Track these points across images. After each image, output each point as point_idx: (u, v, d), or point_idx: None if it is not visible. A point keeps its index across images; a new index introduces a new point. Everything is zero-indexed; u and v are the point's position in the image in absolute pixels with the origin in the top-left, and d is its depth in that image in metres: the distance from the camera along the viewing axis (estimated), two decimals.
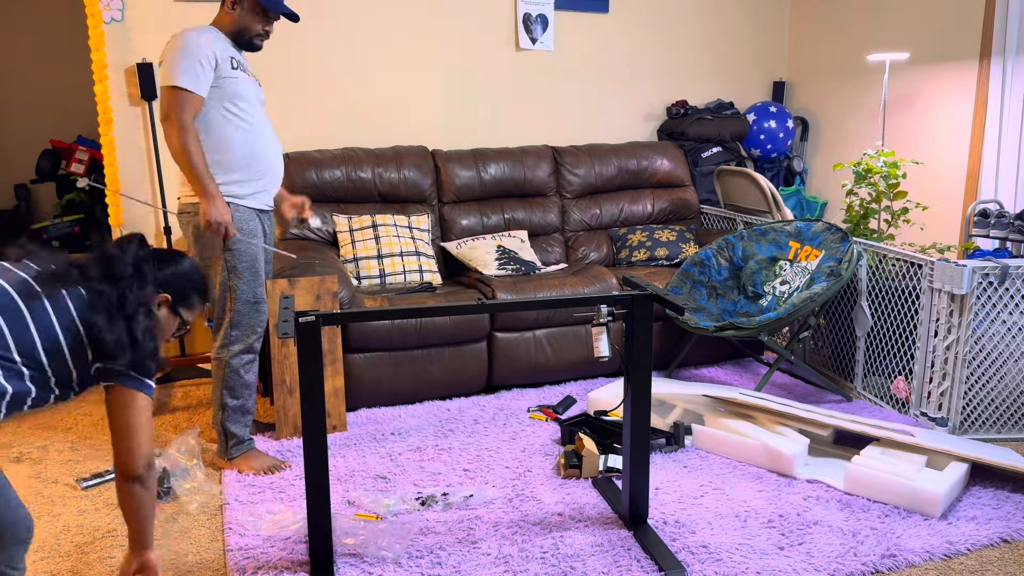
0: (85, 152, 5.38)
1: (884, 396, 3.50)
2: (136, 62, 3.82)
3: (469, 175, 4.18)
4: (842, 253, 3.40)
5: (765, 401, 3.11)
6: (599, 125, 4.77)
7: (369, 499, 2.64)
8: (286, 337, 2.15)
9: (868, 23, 4.57)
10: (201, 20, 3.91)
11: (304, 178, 3.88)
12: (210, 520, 2.58)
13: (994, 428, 3.20)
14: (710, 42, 4.94)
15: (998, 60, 3.84)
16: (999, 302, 3.07)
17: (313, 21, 4.11)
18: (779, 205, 4.10)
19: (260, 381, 3.64)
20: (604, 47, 4.70)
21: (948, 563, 2.33)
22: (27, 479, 2.87)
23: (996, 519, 2.55)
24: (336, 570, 2.28)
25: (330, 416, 3.23)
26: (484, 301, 2.38)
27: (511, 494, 2.72)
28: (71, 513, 2.63)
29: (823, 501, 2.67)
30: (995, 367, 3.13)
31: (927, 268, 3.19)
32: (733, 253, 3.80)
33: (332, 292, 3.16)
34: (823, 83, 4.92)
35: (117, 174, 3.89)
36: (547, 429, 3.25)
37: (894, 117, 4.43)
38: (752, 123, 4.83)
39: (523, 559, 2.33)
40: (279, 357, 3.11)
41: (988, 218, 3.59)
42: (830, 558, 2.33)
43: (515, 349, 3.61)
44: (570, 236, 4.38)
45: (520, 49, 4.53)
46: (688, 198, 4.58)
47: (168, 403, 3.59)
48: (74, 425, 3.36)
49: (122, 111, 3.88)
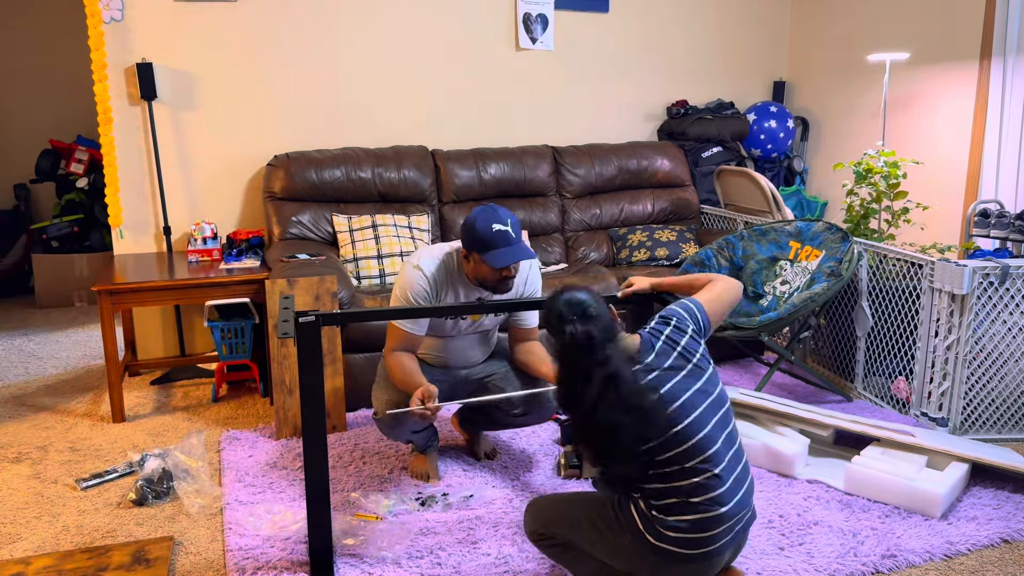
0: (85, 152, 5.38)
1: (884, 396, 3.50)
2: (136, 62, 3.82)
3: (469, 175, 4.17)
4: (842, 253, 3.40)
5: (765, 401, 3.11)
6: (599, 125, 4.77)
7: (369, 499, 2.64)
8: (286, 337, 2.15)
9: (868, 23, 4.56)
10: (201, 20, 3.92)
11: (304, 178, 3.88)
12: (210, 520, 2.58)
13: (994, 428, 3.20)
14: (710, 42, 4.94)
15: (998, 60, 3.84)
16: (999, 302, 3.07)
17: (313, 21, 4.10)
18: (779, 205, 4.10)
19: (260, 381, 3.65)
20: (604, 47, 4.70)
21: (948, 563, 2.33)
22: (27, 479, 2.87)
23: (996, 519, 2.55)
24: (336, 570, 2.28)
25: (330, 416, 3.22)
26: (484, 301, 2.38)
27: (511, 494, 2.72)
28: (71, 513, 2.63)
29: (823, 501, 2.67)
30: (995, 367, 3.12)
31: (927, 268, 3.19)
32: (733, 253, 3.80)
33: (332, 292, 3.16)
34: (823, 83, 4.92)
35: (116, 174, 3.89)
36: (547, 429, 3.25)
37: (894, 117, 4.43)
38: (752, 123, 4.82)
39: (523, 559, 2.33)
40: (279, 357, 3.11)
41: (988, 218, 3.58)
42: (830, 558, 2.33)
43: None
44: (570, 236, 4.38)
45: (520, 49, 4.53)
46: (688, 198, 4.57)
47: (168, 403, 3.59)
48: (74, 425, 3.35)
49: (122, 111, 3.88)
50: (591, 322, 1.85)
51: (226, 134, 4.04)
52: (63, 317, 5.03)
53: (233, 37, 3.98)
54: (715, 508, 1.86)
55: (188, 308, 4.10)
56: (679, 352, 1.97)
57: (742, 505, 1.92)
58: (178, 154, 3.98)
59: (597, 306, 1.90)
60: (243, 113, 4.05)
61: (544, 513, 2.11)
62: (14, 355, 4.31)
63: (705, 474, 1.87)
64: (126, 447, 3.12)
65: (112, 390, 3.34)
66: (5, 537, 2.49)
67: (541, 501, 2.16)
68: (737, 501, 1.90)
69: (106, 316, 3.30)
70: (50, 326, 4.84)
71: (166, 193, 3.98)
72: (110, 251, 5.11)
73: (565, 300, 1.89)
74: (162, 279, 3.38)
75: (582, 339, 1.82)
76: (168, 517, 2.60)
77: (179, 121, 3.96)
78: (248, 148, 4.08)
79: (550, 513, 2.10)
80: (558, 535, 2.08)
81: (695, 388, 1.93)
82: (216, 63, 3.97)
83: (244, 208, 4.12)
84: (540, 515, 2.12)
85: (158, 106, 3.91)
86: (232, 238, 3.82)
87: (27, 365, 4.15)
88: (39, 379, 3.94)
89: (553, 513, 2.09)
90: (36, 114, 5.80)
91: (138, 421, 3.38)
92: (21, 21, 5.69)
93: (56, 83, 5.79)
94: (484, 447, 3.01)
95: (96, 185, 5.31)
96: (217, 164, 4.05)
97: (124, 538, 2.47)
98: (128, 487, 2.78)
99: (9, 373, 4.03)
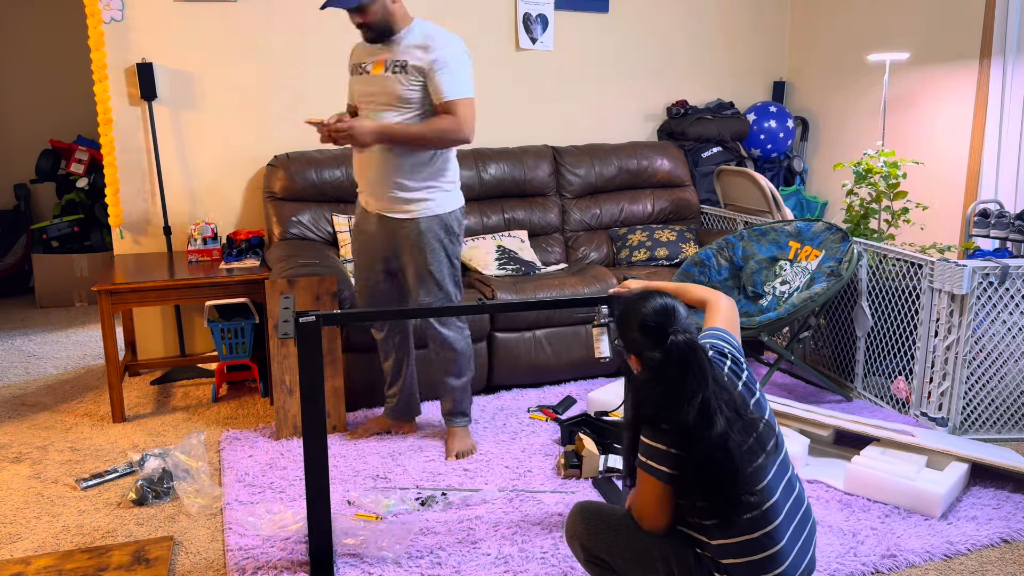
0: (85, 152, 5.37)
1: (884, 396, 3.50)
2: (136, 62, 3.82)
3: (469, 175, 4.17)
4: (842, 253, 3.40)
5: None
6: (599, 125, 4.77)
7: (369, 499, 2.64)
8: (286, 337, 2.15)
9: (868, 23, 4.56)
10: (201, 20, 3.92)
11: (304, 178, 3.88)
12: (210, 520, 2.58)
13: (994, 428, 3.20)
14: (710, 42, 4.94)
15: (998, 60, 3.84)
16: (999, 302, 3.07)
17: (313, 20, 4.10)
18: (779, 205, 4.10)
19: (260, 381, 3.65)
20: (604, 47, 4.70)
21: (948, 563, 2.33)
22: (27, 479, 2.87)
23: (996, 519, 2.55)
24: (336, 570, 2.28)
25: (330, 416, 3.22)
26: (484, 301, 2.39)
27: (511, 494, 2.72)
28: (71, 513, 2.63)
29: (823, 501, 2.67)
30: (995, 367, 3.12)
31: (927, 268, 3.19)
32: (733, 253, 3.80)
33: (332, 292, 3.16)
34: (823, 83, 4.92)
35: (117, 174, 3.89)
36: (547, 429, 3.25)
37: (894, 117, 4.43)
38: (752, 123, 4.82)
39: (523, 559, 2.33)
40: (279, 357, 3.11)
41: (988, 218, 3.58)
42: (830, 558, 2.33)
43: (515, 349, 3.61)
44: (570, 236, 4.38)
45: (520, 49, 4.53)
46: (688, 198, 4.58)
47: (168, 403, 3.59)
48: (74, 425, 3.35)
49: (122, 111, 3.88)
50: (692, 331, 1.75)
51: (226, 134, 4.04)
52: (63, 317, 5.04)
53: (233, 37, 3.98)
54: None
55: (188, 308, 4.10)
56: (744, 384, 1.82)
57: (804, 573, 1.81)
58: (178, 154, 3.98)
59: (687, 315, 1.80)
60: (243, 113, 4.05)
61: (607, 535, 1.85)
62: (14, 355, 4.31)
63: (766, 552, 1.72)
64: (126, 447, 3.12)
65: (112, 390, 3.34)
66: (5, 537, 2.49)
67: (602, 515, 1.89)
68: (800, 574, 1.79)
69: (106, 316, 3.30)
70: (50, 326, 4.84)
71: (166, 193, 3.98)
72: (110, 251, 5.12)
73: (659, 307, 1.80)
74: (162, 279, 3.38)
75: (687, 347, 1.70)
76: (168, 517, 2.60)
77: (179, 121, 3.96)
78: (248, 148, 4.08)
79: (617, 540, 1.83)
80: (619, 568, 1.83)
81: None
82: (216, 63, 3.97)
83: (244, 208, 4.13)
84: (602, 535, 1.85)
85: (158, 106, 3.91)
86: (232, 238, 3.82)
87: (27, 365, 4.15)
88: (39, 379, 3.94)
89: (622, 541, 1.83)
90: (36, 114, 5.80)
91: (138, 421, 3.38)
92: (21, 21, 5.69)
93: (56, 83, 5.79)
94: (458, 446, 3.02)
95: (96, 185, 5.31)
96: (217, 164, 4.05)
97: (124, 538, 2.48)
98: (128, 487, 2.78)
99: (9, 373, 4.03)
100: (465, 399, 3.07)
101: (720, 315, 2.05)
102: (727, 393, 1.73)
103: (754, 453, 1.72)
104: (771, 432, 1.78)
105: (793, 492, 1.81)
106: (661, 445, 1.71)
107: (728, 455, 1.67)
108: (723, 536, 1.73)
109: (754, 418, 1.75)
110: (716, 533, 1.74)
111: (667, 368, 1.71)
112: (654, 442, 1.72)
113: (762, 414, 1.79)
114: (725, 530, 1.73)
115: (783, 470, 1.79)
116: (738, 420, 1.71)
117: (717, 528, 1.73)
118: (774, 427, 1.80)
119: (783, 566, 1.74)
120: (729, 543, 1.73)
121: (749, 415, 1.75)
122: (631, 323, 1.82)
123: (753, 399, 1.81)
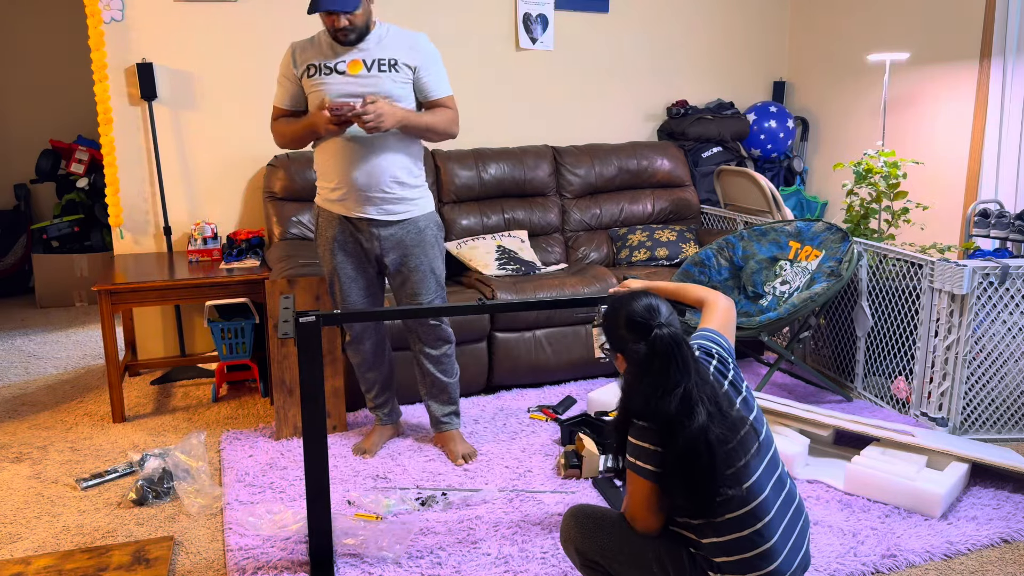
0: (85, 152, 5.38)
1: (884, 396, 3.50)
2: (136, 62, 3.82)
3: (469, 175, 4.17)
4: (842, 253, 3.40)
5: (765, 401, 3.11)
6: (599, 125, 4.77)
7: (369, 499, 2.64)
8: (286, 337, 2.15)
9: (868, 23, 4.56)
10: (201, 20, 3.92)
11: (304, 178, 3.88)
12: (210, 520, 2.58)
13: (994, 428, 3.20)
14: (710, 42, 4.94)
15: (998, 60, 3.84)
16: (999, 302, 3.07)
17: (313, 20, 4.10)
18: (779, 205, 4.10)
19: (260, 381, 3.65)
20: (604, 47, 4.70)
21: (948, 563, 2.33)
22: (27, 479, 2.87)
23: (996, 519, 2.55)
24: (336, 570, 2.28)
25: (330, 416, 3.22)
26: (484, 301, 2.39)
27: (511, 494, 2.72)
28: (71, 513, 2.63)
29: (823, 501, 2.67)
30: (995, 367, 3.12)
31: (927, 268, 3.19)
32: (733, 253, 3.80)
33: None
34: (823, 83, 4.92)
35: (117, 174, 3.89)
36: (547, 429, 3.25)
37: (894, 117, 4.43)
38: (752, 123, 4.82)
39: (523, 559, 2.33)
40: (279, 357, 3.11)
41: (988, 218, 3.58)
42: (830, 558, 2.33)
43: (515, 349, 3.61)
44: (570, 236, 4.38)
45: (520, 49, 4.53)
46: (688, 198, 4.57)
47: (168, 403, 3.59)
48: (74, 425, 3.36)
49: (122, 111, 3.88)
50: (675, 326, 1.78)
51: (226, 134, 4.04)
52: (63, 317, 5.04)
53: (233, 37, 3.98)
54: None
55: (188, 308, 4.10)
56: (730, 384, 1.85)
57: (798, 570, 1.82)
58: (178, 154, 3.98)
59: (670, 313, 1.83)
60: (243, 113, 4.05)
61: (602, 538, 1.85)
62: (14, 355, 4.31)
63: (757, 550, 1.74)
64: (126, 447, 3.12)
65: (112, 390, 3.34)
66: (5, 537, 2.49)
67: (595, 518, 1.89)
68: (792, 572, 1.80)
69: (106, 316, 3.30)
70: (50, 326, 4.84)
71: (166, 193, 3.98)
72: (110, 251, 5.12)
73: (644, 305, 1.82)
74: (162, 279, 3.38)
75: (671, 339, 1.74)
76: (168, 517, 2.60)
77: (179, 121, 3.96)
78: (248, 148, 4.08)
79: (611, 542, 1.84)
80: (615, 570, 1.83)
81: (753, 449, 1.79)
82: (216, 63, 3.97)
83: (244, 208, 4.13)
84: (596, 538, 1.86)
85: (158, 106, 3.91)
86: (232, 238, 3.82)
87: (27, 365, 4.15)
88: (39, 379, 3.94)
89: (616, 543, 1.83)
90: (36, 114, 5.80)
91: (138, 421, 3.38)
92: (21, 21, 5.69)
93: (56, 83, 5.79)
94: (462, 448, 3.01)
95: (96, 185, 5.31)
96: (217, 164, 4.05)
97: (124, 538, 2.48)
98: (128, 487, 2.78)
99: (9, 373, 4.03)
100: (458, 397, 3.09)
101: (716, 316, 2.08)
102: (710, 388, 1.75)
103: (738, 452, 1.74)
104: (757, 431, 1.80)
105: (784, 489, 1.82)
106: (647, 444, 1.74)
107: (709, 448, 1.69)
108: (714, 535, 1.75)
109: (740, 417, 1.77)
110: (707, 532, 1.75)
111: (652, 360, 1.75)
112: (640, 441, 1.75)
113: (748, 414, 1.81)
114: (715, 529, 1.74)
115: (772, 467, 1.81)
116: (720, 416, 1.73)
117: (707, 527, 1.75)
118: (761, 426, 1.82)
119: (776, 563, 1.76)
120: (720, 541, 1.75)
121: (734, 414, 1.77)
122: (618, 321, 1.86)
123: (739, 398, 1.83)
